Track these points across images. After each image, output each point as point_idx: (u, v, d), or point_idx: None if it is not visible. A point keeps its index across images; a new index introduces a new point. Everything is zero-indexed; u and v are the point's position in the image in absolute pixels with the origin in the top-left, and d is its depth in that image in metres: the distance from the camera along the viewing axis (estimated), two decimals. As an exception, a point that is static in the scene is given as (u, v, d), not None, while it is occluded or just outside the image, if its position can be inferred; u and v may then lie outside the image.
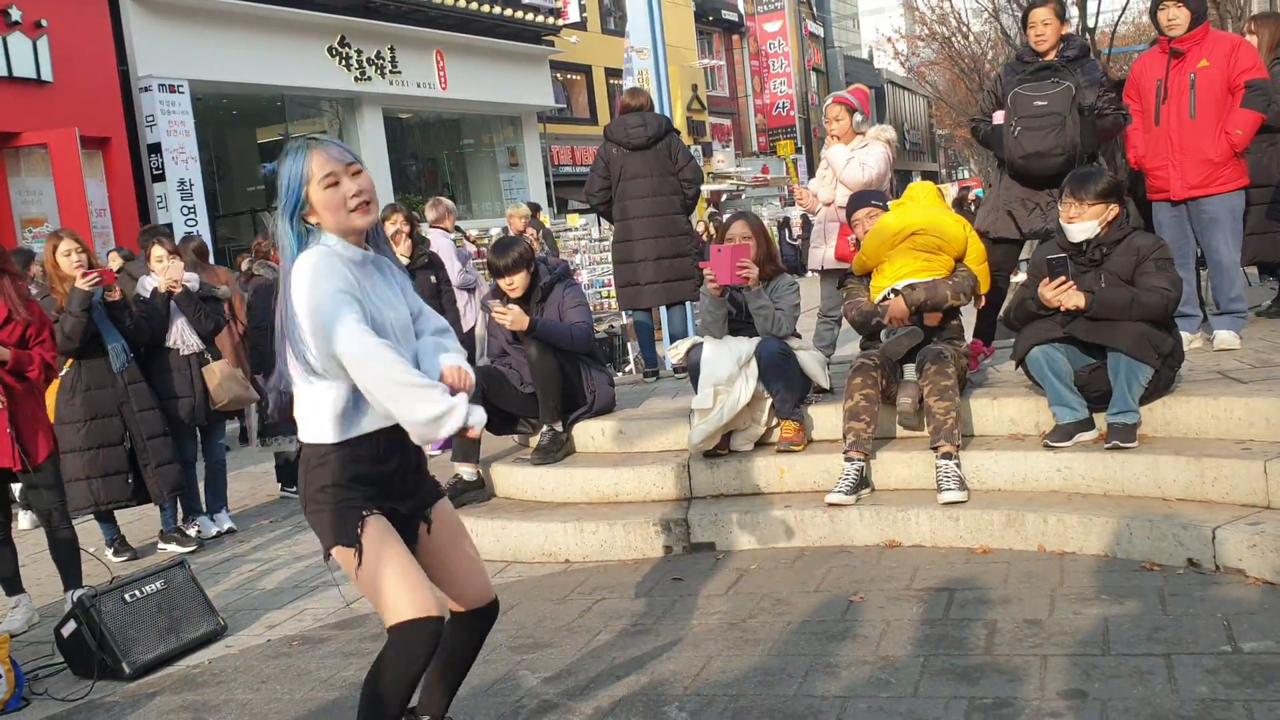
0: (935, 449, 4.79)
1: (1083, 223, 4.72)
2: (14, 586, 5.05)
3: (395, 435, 2.74)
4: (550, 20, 22.61)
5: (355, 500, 2.73)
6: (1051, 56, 5.57)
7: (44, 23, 12.69)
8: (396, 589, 2.71)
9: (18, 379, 4.86)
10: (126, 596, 4.44)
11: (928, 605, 3.97)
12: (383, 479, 2.80)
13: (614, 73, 26.57)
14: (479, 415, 2.62)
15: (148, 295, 6.16)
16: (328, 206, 2.68)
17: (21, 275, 5.28)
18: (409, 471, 2.88)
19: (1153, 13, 5.74)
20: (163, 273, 6.15)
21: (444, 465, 6.04)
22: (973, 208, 17.84)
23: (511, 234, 11.98)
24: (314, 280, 2.60)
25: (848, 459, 4.90)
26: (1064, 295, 4.63)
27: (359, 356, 2.55)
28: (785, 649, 3.72)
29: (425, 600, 2.72)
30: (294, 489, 7.39)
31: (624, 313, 11.44)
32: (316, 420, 2.73)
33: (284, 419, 6.94)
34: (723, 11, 37.77)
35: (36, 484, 4.97)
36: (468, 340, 8.48)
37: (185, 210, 14.50)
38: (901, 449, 5.08)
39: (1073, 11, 19.61)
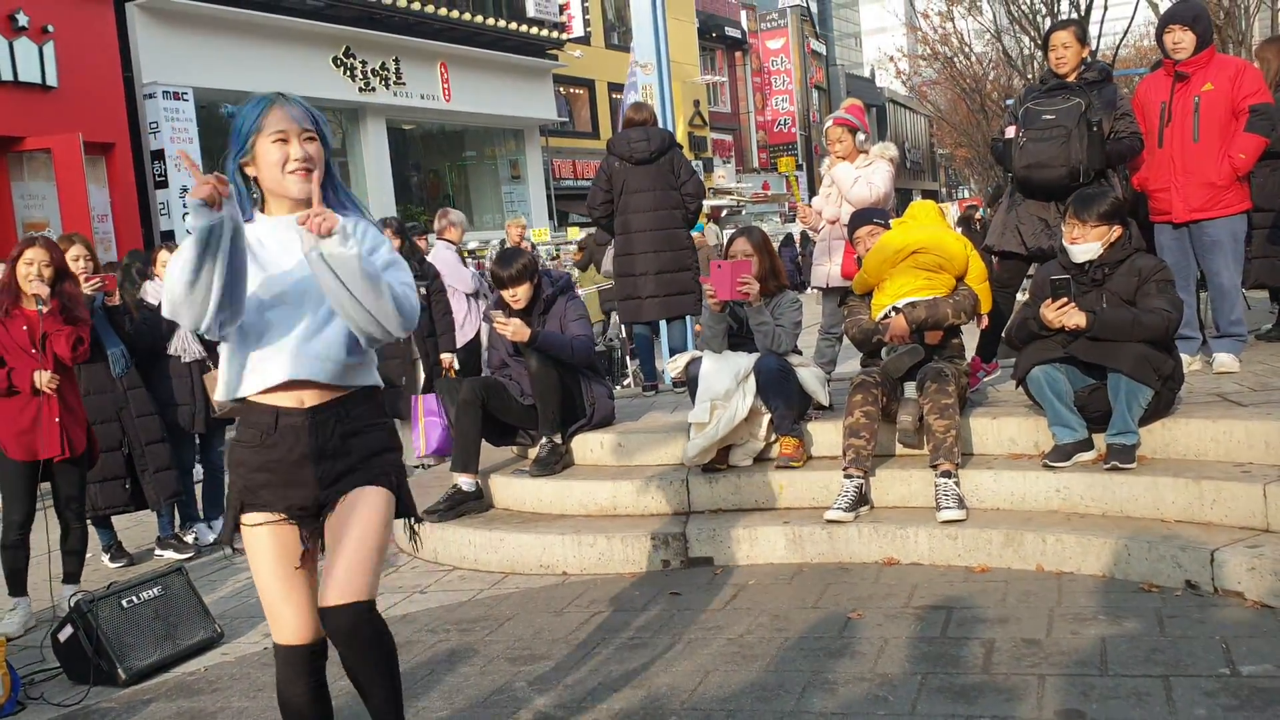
0: (935, 467, 4.80)
1: (1085, 244, 4.75)
2: (19, 587, 5.06)
3: (298, 415, 2.63)
4: (554, 34, 22.69)
5: (235, 491, 2.69)
6: (1072, 79, 5.58)
7: (50, 28, 12.74)
8: (270, 610, 2.72)
9: (61, 371, 5.07)
10: (123, 602, 4.43)
11: (926, 623, 3.97)
12: (271, 465, 2.65)
13: (617, 87, 26.61)
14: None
15: (153, 302, 6.17)
16: (268, 162, 2.63)
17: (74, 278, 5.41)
18: (314, 460, 2.66)
19: (1159, 35, 5.77)
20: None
21: (443, 475, 6.05)
22: (978, 227, 17.85)
23: (509, 245, 12.01)
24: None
25: (847, 476, 4.90)
26: (1065, 315, 4.64)
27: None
28: (783, 665, 3.71)
29: (290, 627, 2.71)
30: None
31: (620, 326, 11.46)
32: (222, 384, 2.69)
33: None
34: (726, 28, 37.92)
35: (61, 482, 5.08)
36: (472, 349, 8.49)
37: (187, 218, 14.51)
38: (901, 467, 5.08)
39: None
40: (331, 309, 2.61)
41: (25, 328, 5.03)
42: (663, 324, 7.42)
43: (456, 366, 7.82)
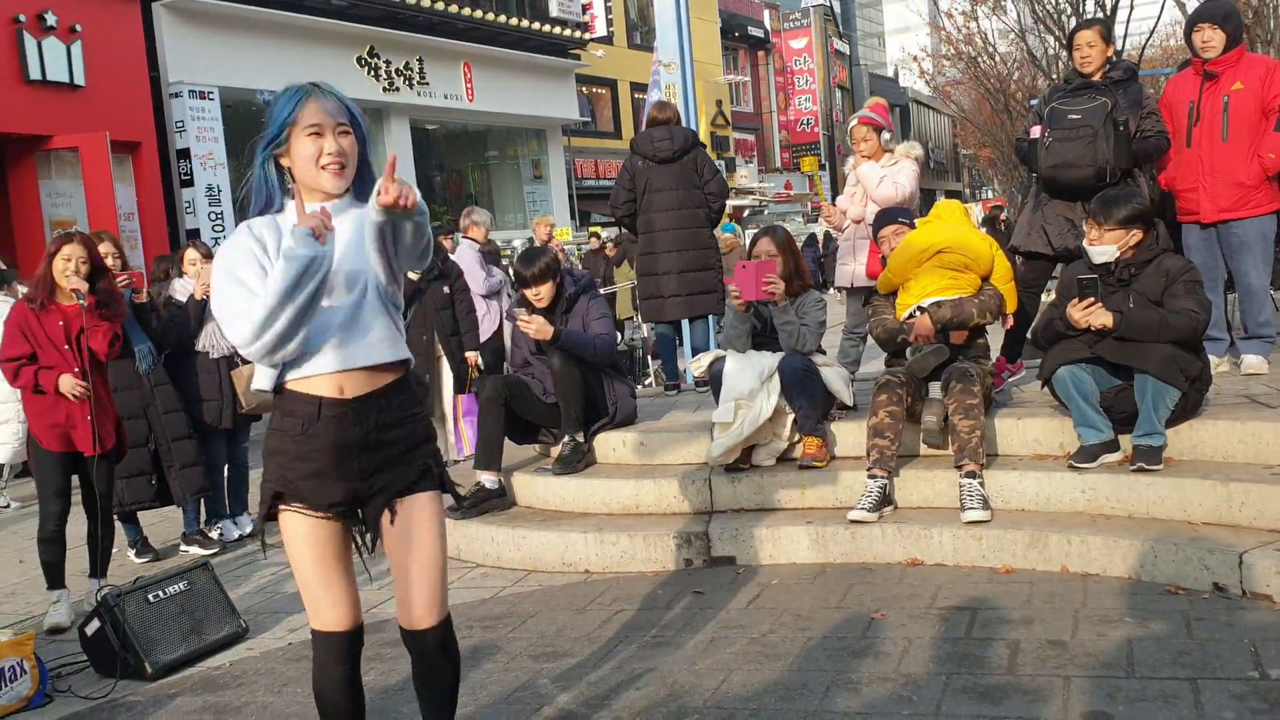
0: (959, 468, 4.78)
1: (1101, 246, 4.72)
2: (58, 579, 5.07)
3: (340, 406, 2.63)
4: (577, 34, 22.72)
5: (272, 480, 2.68)
6: (1097, 78, 5.54)
7: (78, 28, 12.84)
8: (309, 597, 2.73)
9: (95, 366, 5.08)
10: (150, 597, 4.47)
11: (950, 624, 3.95)
12: (313, 456, 2.64)
13: (639, 87, 26.61)
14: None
15: (181, 299, 6.22)
16: (302, 155, 2.63)
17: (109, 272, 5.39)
18: (356, 452, 2.66)
19: (1187, 34, 5.73)
20: (196, 276, 6.22)
21: (466, 473, 6.06)
22: (1003, 227, 17.78)
23: (537, 244, 12.02)
24: (217, 258, 2.65)
25: (871, 476, 4.88)
26: (1092, 315, 4.62)
27: (245, 326, 2.56)
28: (806, 664, 3.71)
29: (329, 614, 2.72)
30: None
31: (644, 325, 11.46)
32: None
33: None
34: (749, 28, 37.87)
35: (98, 472, 5.08)
36: (490, 347, 8.50)
37: (213, 216, 14.61)
38: (925, 467, 5.06)
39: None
40: (364, 291, 2.65)
41: (61, 323, 5.05)
42: (685, 323, 7.42)
43: (482, 365, 7.83)
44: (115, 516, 6.00)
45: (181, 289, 6.32)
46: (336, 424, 2.64)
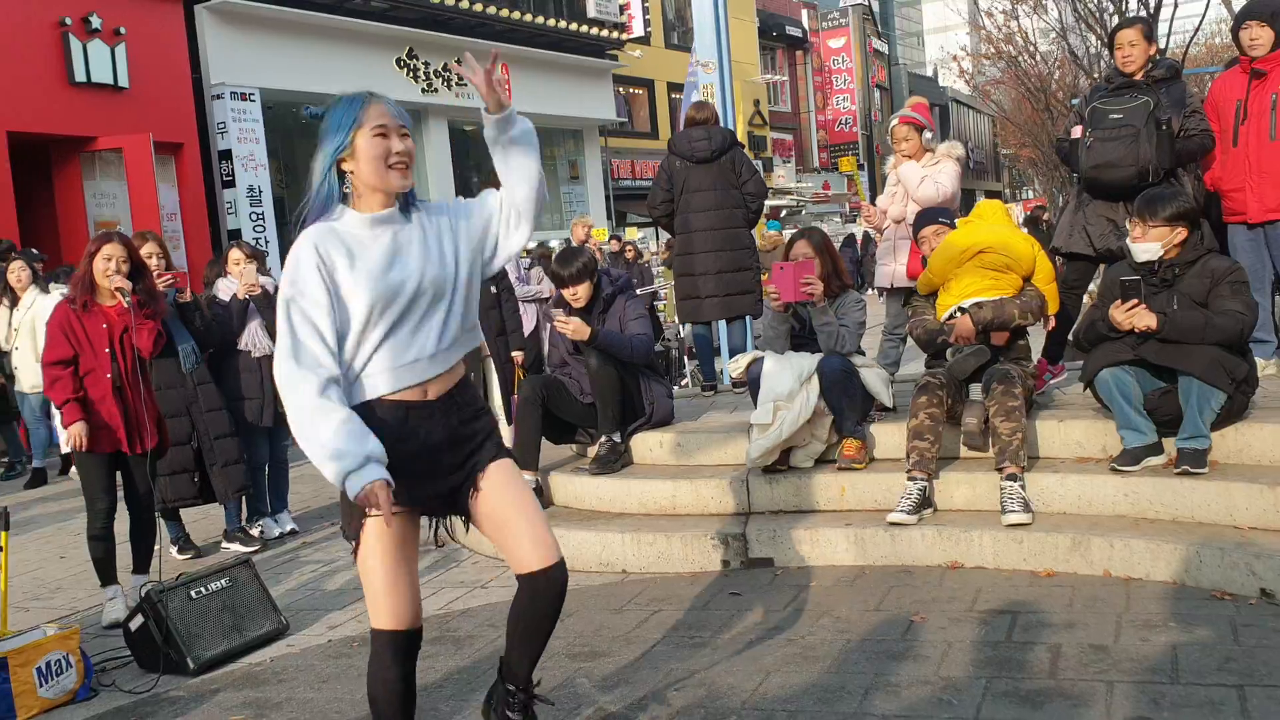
0: (1000, 470, 4.74)
1: (1146, 243, 4.66)
2: (110, 576, 5.11)
3: (427, 407, 2.72)
4: (615, 35, 22.73)
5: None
6: (1139, 78, 5.48)
7: (122, 30, 13.00)
8: (375, 596, 2.77)
9: (138, 365, 5.08)
10: (192, 593, 4.52)
11: (990, 627, 3.92)
12: (406, 459, 2.69)
13: (676, 87, 26.59)
14: (365, 483, 2.53)
15: (224, 299, 6.28)
16: (370, 156, 2.67)
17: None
18: (446, 449, 2.77)
19: (1234, 32, 5.65)
20: (240, 276, 6.28)
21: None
22: (1045, 228, 17.62)
23: (574, 244, 12.05)
24: (288, 270, 2.67)
25: (910, 478, 4.85)
26: (1135, 316, 4.56)
27: (283, 387, 2.64)
28: (844, 667, 3.69)
29: (393, 613, 2.77)
30: None
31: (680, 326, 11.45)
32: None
33: None
34: (787, 27, 37.73)
35: (134, 476, 5.12)
36: (528, 348, 8.53)
37: (254, 216, 14.76)
38: (965, 469, 5.02)
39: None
40: (436, 296, 2.73)
41: (104, 325, 5.05)
42: (722, 324, 7.40)
43: (525, 365, 7.88)
44: (158, 513, 6.08)
45: (225, 288, 6.38)
46: (425, 425, 2.74)
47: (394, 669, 2.81)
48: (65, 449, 7.62)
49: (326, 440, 2.54)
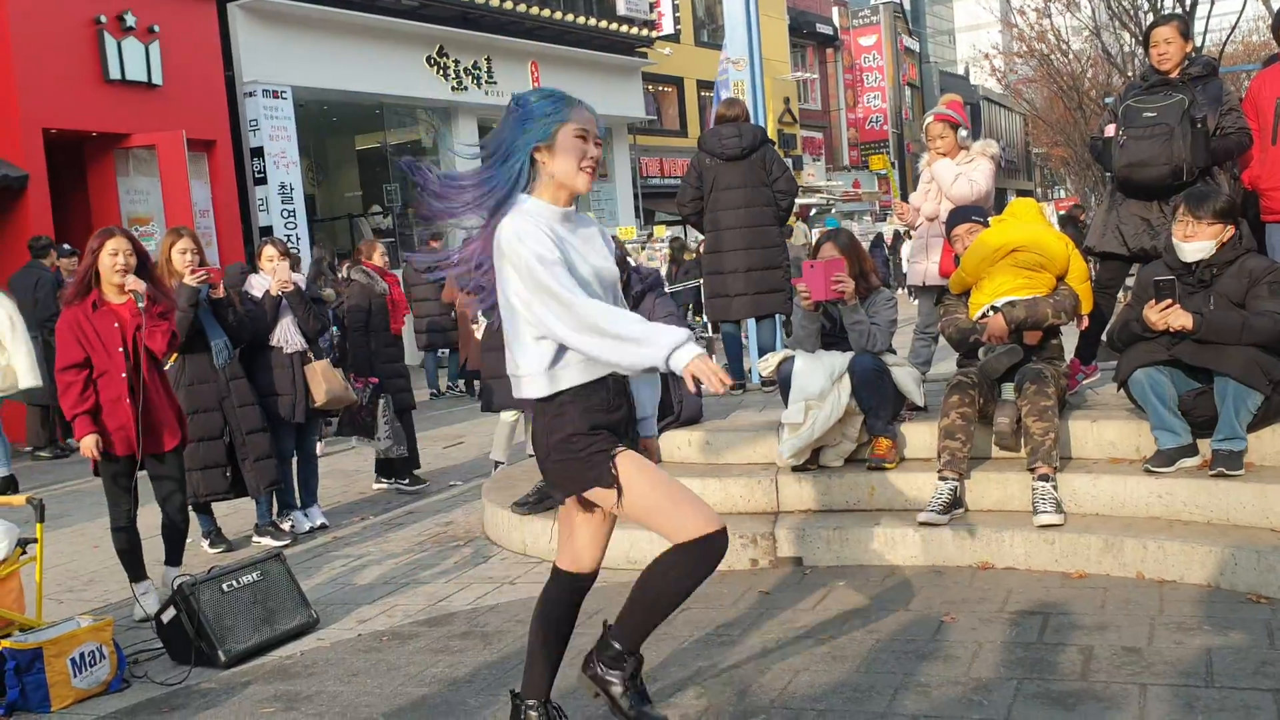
0: (1032, 470, 4.70)
1: (1199, 242, 4.60)
2: (138, 571, 5.08)
3: (621, 383, 3.02)
4: (644, 32, 22.72)
5: (599, 444, 2.92)
6: (1174, 75, 5.42)
7: (156, 28, 13.11)
8: (678, 509, 2.93)
9: (152, 363, 5.00)
10: (224, 586, 4.55)
11: (1021, 629, 3.89)
12: (614, 426, 2.99)
13: (705, 85, 26.55)
14: (694, 355, 2.70)
15: (257, 295, 6.32)
16: (568, 152, 2.89)
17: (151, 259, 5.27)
18: (631, 420, 3.11)
19: (1275, 28, 5.58)
20: (272, 272, 6.32)
21: (531, 469, 6.09)
22: (1082, 227, 17.49)
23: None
24: (520, 243, 2.82)
25: (941, 478, 4.82)
26: (1170, 315, 4.52)
27: (568, 317, 2.78)
28: (874, 666, 3.67)
29: (708, 514, 2.94)
30: (393, 481, 7.56)
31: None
32: (540, 375, 2.92)
33: (355, 423, 7.09)
34: (817, 25, 37.59)
35: (160, 474, 5.08)
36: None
37: (285, 214, 14.85)
38: (997, 470, 4.99)
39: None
40: (614, 291, 3.12)
41: (116, 324, 4.90)
42: (751, 322, 7.38)
43: None
44: (190, 507, 6.12)
45: (258, 284, 6.42)
46: (623, 395, 3.05)
47: (703, 575, 2.98)
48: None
49: (637, 332, 2.75)
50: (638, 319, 2.79)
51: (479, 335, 7.71)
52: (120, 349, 4.90)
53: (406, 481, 7.62)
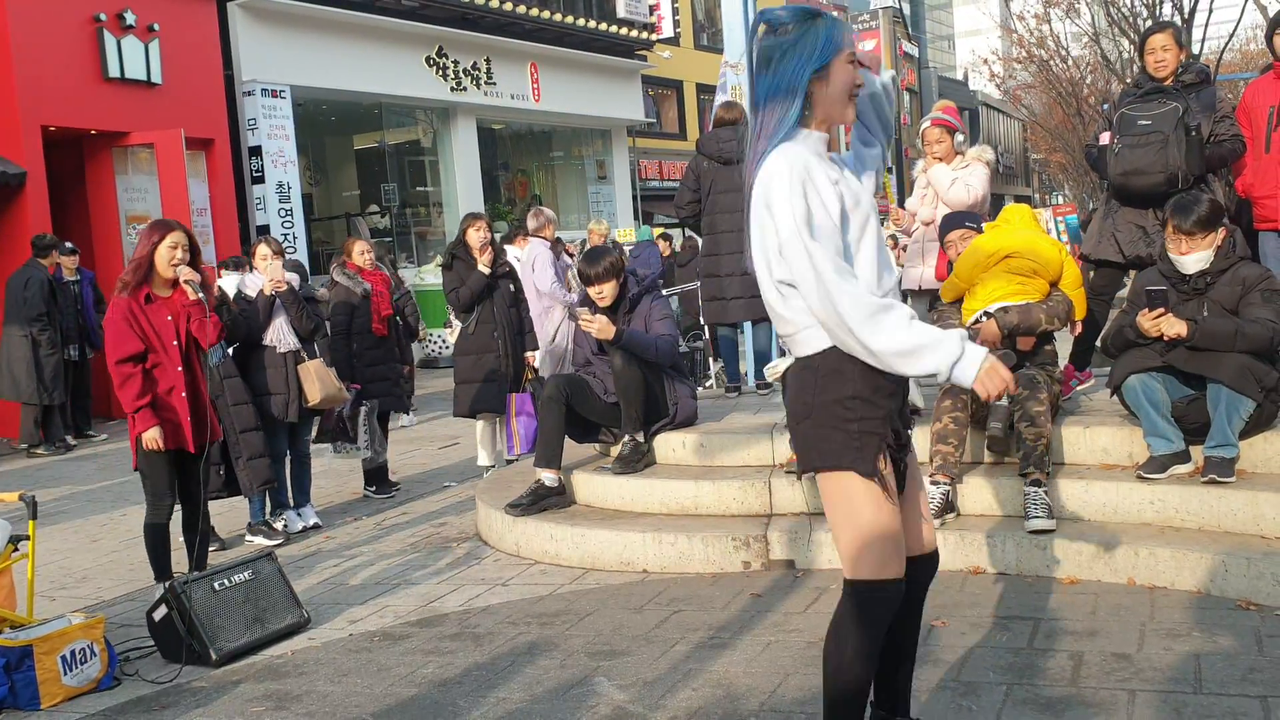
0: (1024, 476, 4.71)
1: (1197, 254, 4.60)
2: (167, 573, 4.98)
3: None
4: (644, 35, 22.73)
5: (877, 422, 2.51)
6: (1169, 83, 5.43)
7: (156, 27, 13.10)
8: (895, 548, 2.56)
9: (199, 356, 4.97)
10: (216, 585, 4.55)
11: (1012, 634, 3.90)
12: (892, 415, 2.57)
13: (705, 88, 26.55)
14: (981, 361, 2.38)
15: (250, 294, 6.32)
16: (842, 83, 2.53)
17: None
18: (906, 420, 2.67)
19: (1269, 37, 5.60)
20: (265, 271, 6.32)
21: (526, 470, 6.10)
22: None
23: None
24: (790, 197, 2.46)
25: (933, 482, 4.83)
26: (1164, 323, 4.53)
27: (831, 302, 2.41)
28: (864, 670, 3.67)
29: (903, 563, 2.59)
30: (375, 491, 7.49)
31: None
32: (813, 329, 2.52)
33: (336, 429, 7.04)
34: (817, 30, 37.58)
35: (194, 470, 4.97)
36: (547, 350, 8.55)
37: (282, 213, 14.84)
38: (989, 474, 4.99)
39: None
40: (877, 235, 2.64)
41: (169, 317, 4.86)
42: (747, 325, 7.39)
43: (539, 365, 7.89)
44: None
45: (252, 284, 6.42)
46: (898, 379, 2.57)
47: (885, 625, 2.58)
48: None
49: (910, 339, 2.38)
50: (907, 320, 2.41)
51: (452, 339, 7.68)
52: (175, 342, 4.86)
53: (373, 489, 7.49)
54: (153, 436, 4.76)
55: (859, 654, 2.57)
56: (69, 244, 11.04)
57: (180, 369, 4.88)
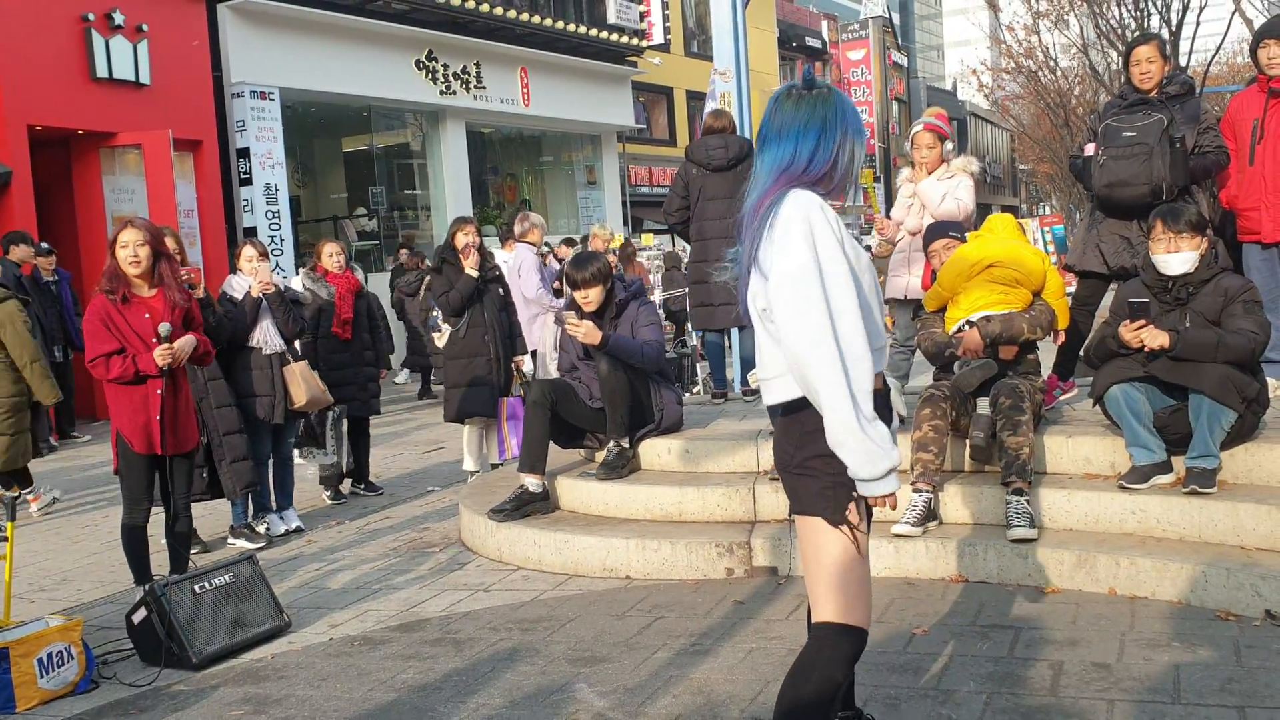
0: (1006, 484, 4.72)
1: (1183, 254, 4.62)
2: (146, 576, 4.96)
3: (884, 397, 2.65)
4: (634, 41, 22.75)
5: (845, 478, 2.54)
6: (1154, 94, 5.45)
7: (144, 27, 13.07)
8: (859, 591, 2.63)
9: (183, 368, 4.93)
10: (196, 588, 4.52)
11: (992, 642, 3.90)
12: None
13: (695, 95, 26.61)
14: (894, 489, 2.49)
15: (237, 295, 6.30)
16: (855, 161, 2.69)
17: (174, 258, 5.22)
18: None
19: (1253, 50, 5.63)
20: (253, 273, 6.30)
21: (510, 475, 6.08)
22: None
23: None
24: (804, 238, 2.54)
25: (915, 490, 4.83)
26: (1145, 335, 4.55)
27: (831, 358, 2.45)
28: (845, 678, 3.67)
29: (869, 612, 2.68)
30: (340, 499, 7.48)
31: (695, 333, 11.45)
32: (787, 381, 2.61)
33: (307, 433, 7.04)
34: (806, 38, 37.72)
35: (181, 469, 4.95)
36: (531, 357, 8.54)
37: (270, 215, 14.81)
38: (971, 483, 5.00)
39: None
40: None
41: (147, 316, 4.80)
42: (734, 332, 7.40)
43: (528, 369, 7.87)
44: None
45: (238, 285, 6.40)
46: (884, 400, 2.65)
47: (847, 671, 2.65)
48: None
49: (879, 432, 2.46)
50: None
51: (441, 343, 7.66)
52: (153, 341, 4.79)
53: (362, 486, 7.58)
54: (161, 352, 4.72)
55: (822, 687, 2.60)
56: (44, 244, 10.94)
57: (158, 369, 4.81)
